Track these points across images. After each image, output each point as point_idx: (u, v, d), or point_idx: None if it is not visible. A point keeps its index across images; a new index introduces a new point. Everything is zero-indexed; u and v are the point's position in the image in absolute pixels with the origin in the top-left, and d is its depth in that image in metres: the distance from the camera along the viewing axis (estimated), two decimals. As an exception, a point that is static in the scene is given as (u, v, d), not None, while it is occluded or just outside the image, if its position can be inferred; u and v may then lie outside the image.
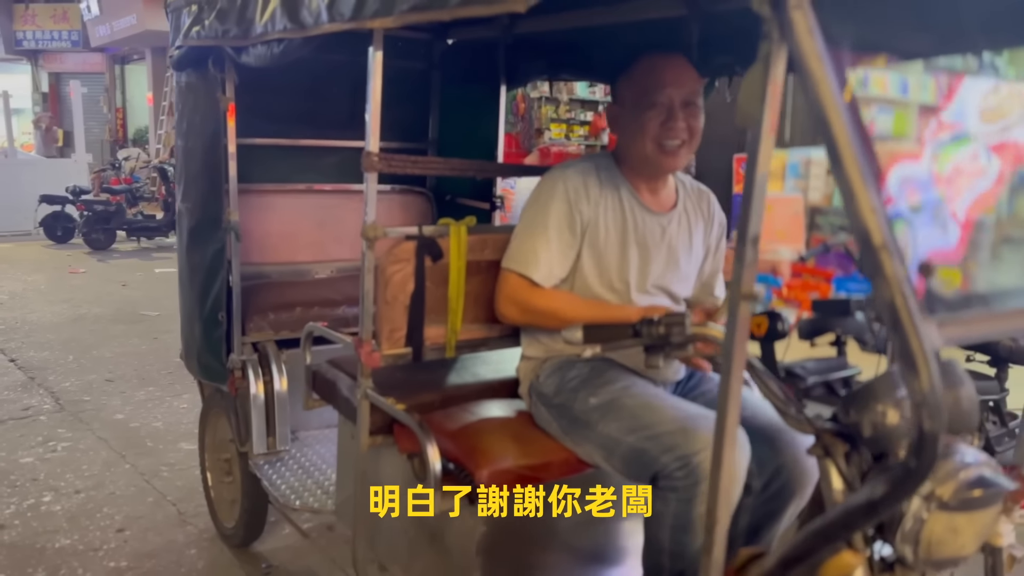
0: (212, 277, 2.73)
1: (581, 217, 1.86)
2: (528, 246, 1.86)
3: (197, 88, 2.74)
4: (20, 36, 17.20)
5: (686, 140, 1.84)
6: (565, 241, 1.86)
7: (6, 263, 9.02)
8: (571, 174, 1.88)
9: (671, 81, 1.81)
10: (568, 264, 1.89)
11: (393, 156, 1.92)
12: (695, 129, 1.84)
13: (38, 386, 4.83)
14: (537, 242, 1.85)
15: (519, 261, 1.87)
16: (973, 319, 1.08)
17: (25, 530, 3.10)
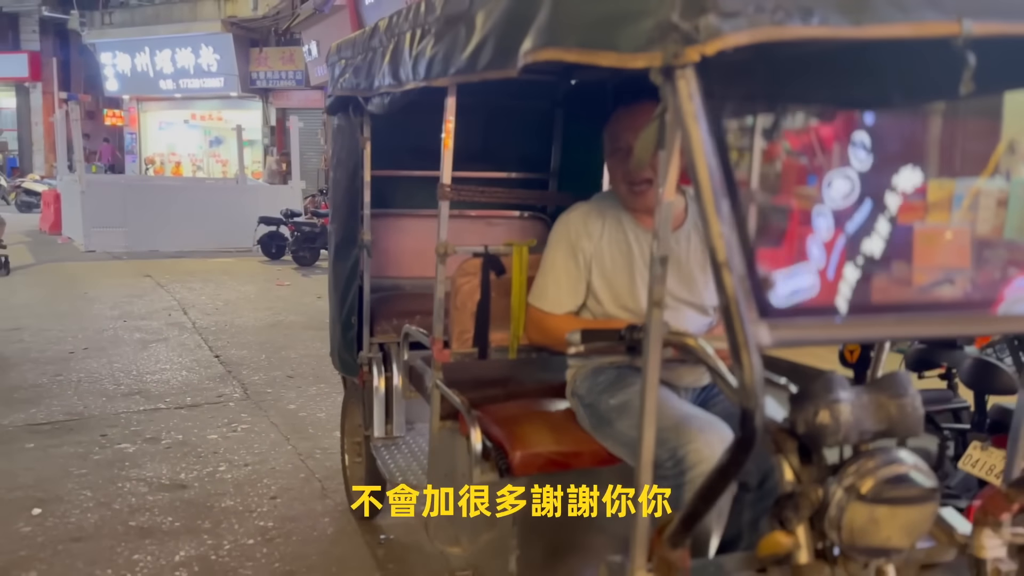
0: (349, 286, 3.27)
1: (584, 253, 2.16)
2: (541, 283, 2.21)
3: (344, 129, 3.30)
4: (254, 76, 19.50)
5: (652, 179, 2.07)
6: (572, 276, 2.17)
7: (227, 275, 10.48)
8: (573, 217, 2.20)
9: (629, 126, 2.07)
10: (579, 294, 2.19)
11: (462, 187, 2.31)
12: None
13: (233, 378, 5.72)
14: (547, 279, 2.19)
15: (534, 295, 2.23)
16: (802, 324, 1.27)
17: (201, 491, 3.80)
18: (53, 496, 3.67)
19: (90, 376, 5.65)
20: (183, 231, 12.74)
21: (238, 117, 19.58)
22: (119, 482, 3.85)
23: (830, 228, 1.64)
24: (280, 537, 3.36)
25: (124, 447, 4.32)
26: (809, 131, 2.32)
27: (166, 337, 6.91)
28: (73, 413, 4.84)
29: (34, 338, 6.67)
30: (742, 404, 1.18)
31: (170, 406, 5.05)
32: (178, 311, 8.04)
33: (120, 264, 11.11)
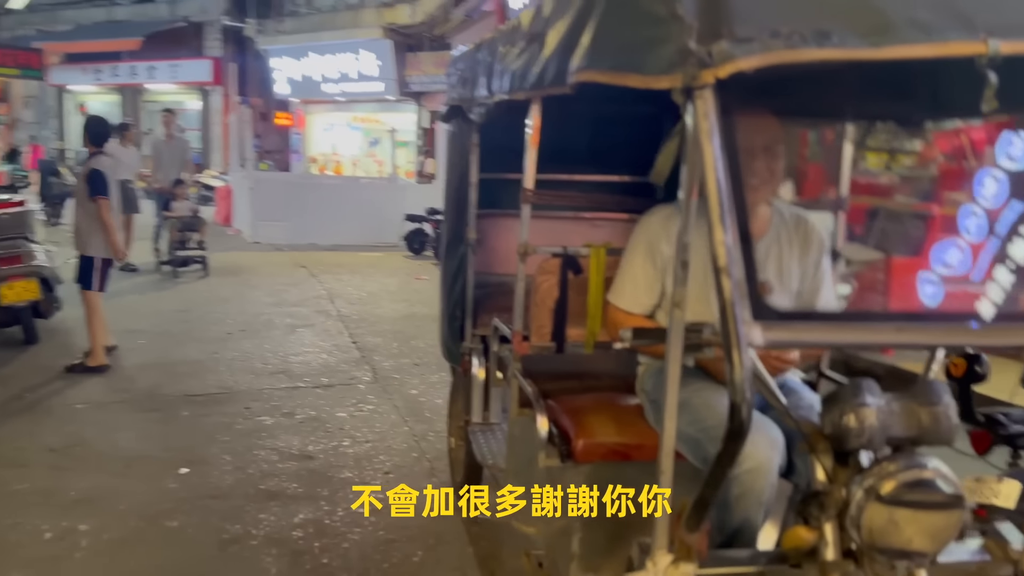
0: (455, 281, 3.52)
1: (661, 256, 2.25)
2: (619, 282, 2.32)
3: (455, 135, 3.56)
4: (410, 80, 20.34)
5: (766, 180, 2.13)
6: (648, 276, 2.26)
7: (373, 268, 11.16)
8: (653, 220, 2.29)
9: (753, 128, 2.12)
10: (654, 294, 2.28)
11: (543, 191, 2.48)
12: (775, 171, 2.12)
13: (365, 363, 6.17)
14: (625, 279, 2.29)
15: (613, 293, 2.35)
16: (795, 327, 1.34)
17: (325, 462, 4.19)
18: (199, 458, 4.17)
19: (243, 355, 6.27)
20: (338, 226, 13.62)
21: (394, 119, 20.59)
22: (255, 450, 4.31)
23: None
24: (387, 509, 3.66)
25: (264, 419, 4.80)
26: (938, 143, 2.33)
27: (312, 323, 7.52)
28: (224, 387, 5.42)
29: (199, 319, 7.46)
30: (731, 398, 1.28)
31: (308, 385, 5.54)
32: (326, 300, 8.69)
33: (280, 255, 12.06)
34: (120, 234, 5.97)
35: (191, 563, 3.18)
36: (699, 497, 1.49)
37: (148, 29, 20.73)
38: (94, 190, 5.46)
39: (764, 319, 1.26)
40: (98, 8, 22.47)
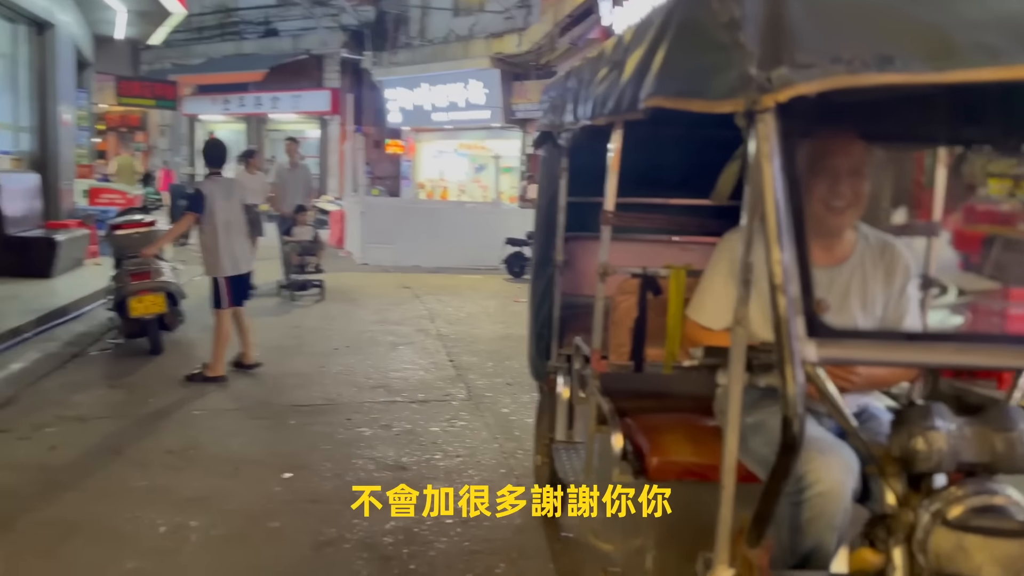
0: (543, 301, 3.62)
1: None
2: (699, 298, 2.33)
3: (546, 160, 3.67)
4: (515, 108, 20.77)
5: (852, 203, 2.12)
6: (729, 294, 2.25)
7: (473, 290, 11.42)
8: (735, 238, 2.28)
9: (839, 151, 2.12)
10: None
11: (625, 213, 2.55)
12: (860, 194, 2.11)
13: (461, 381, 6.33)
14: (705, 295, 2.31)
15: (692, 308, 2.35)
16: (851, 344, 1.34)
17: (417, 473, 4.34)
18: (301, 464, 4.41)
19: (347, 369, 6.56)
20: (442, 249, 14.00)
21: (499, 146, 21.00)
22: (353, 459, 4.51)
23: None
24: (474, 521, 3.77)
25: (363, 431, 5.02)
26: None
27: (413, 341, 7.78)
28: (328, 399, 5.70)
29: (309, 335, 7.85)
30: (784, 412, 1.31)
31: (405, 400, 5.74)
32: (427, 319, 8.96)
33: (386, 276, 12.51)
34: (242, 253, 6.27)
35: (288, 562, 3.37)
36: (757, 512, 1.51)
37: (272, 62, 22.04)
38: (187, 206, 5.94)
39: (819, 336, 1.29)
40: (227, 42, 24.08)
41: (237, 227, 6.04)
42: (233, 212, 6.00)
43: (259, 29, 23.81)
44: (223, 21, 24.42)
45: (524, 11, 19.42)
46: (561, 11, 14.65)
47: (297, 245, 9.79)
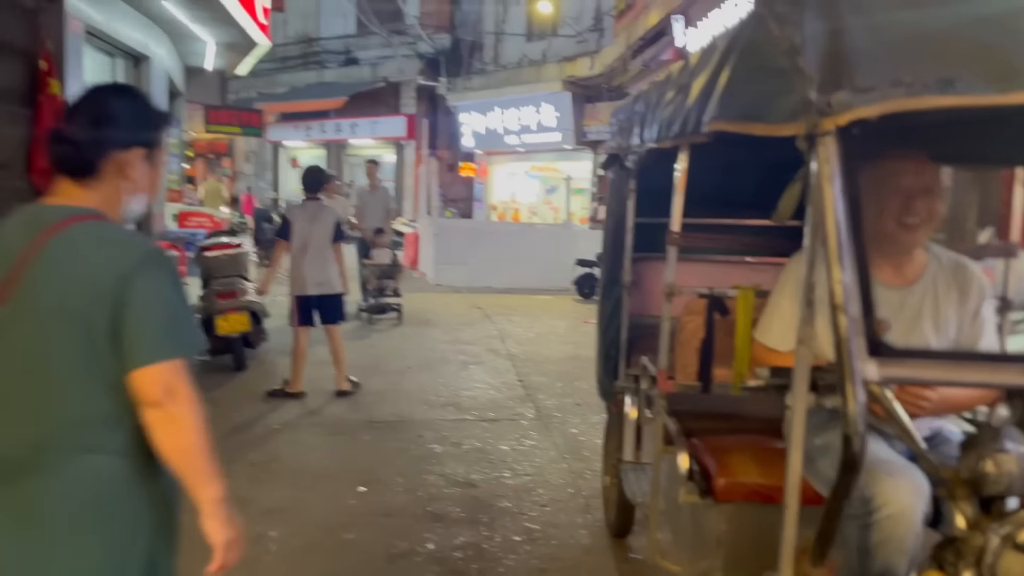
0: (611, 321, 3.66)
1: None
2: (767, 319, 2.34)
3: (614, 182, 3.72)
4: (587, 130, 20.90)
5: (925, 220, 2.11)
6: (796, 314, 2.25)
7: (543, 311, 11.48)
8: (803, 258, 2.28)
9: (912, 170, 2.12)
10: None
11: (691, 234, 2.58)
12: (933, 212, 2.10)
13: (530, 400, 6.39)
14: (773, 316, 2.31)
15: (759, 330, 2.36)
16: (911, 363, 1.34)
17: (486, 491, 4.41)
18: (375, 478, 4.53)
19: (419, 387, 6.70)
20: (513, 270, 14.14)
21: (570, 168, 21.12)
22: (425, 474, 4.62)
23: None
24: (542, 539, 3.81)
25: (434, 447, 5.12)
26: None
27: (483, 361, 7.88)
28: (401, 416, 5.83)
29: (383, 353, 8.04)
30: (844, 431, 1.33)
31: (475, 418, 5.83)
32: (497, 339, 9.06)
33: (459, 296, 12.70)
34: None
35: (362, 573, 3.47)
36: (821, 531, 1.52)
37: (352, 90, 22.77)
38: (277, 232, 6.19)
39: (880, 355, 1.30)
40: (309, 72, 25.00)
41: (316, 250, 6.18)
42: (316, 236, 6.18)
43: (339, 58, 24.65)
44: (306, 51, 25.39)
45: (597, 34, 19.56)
46: (634, 33, 14.70)
47: (376, 268, 9.84)
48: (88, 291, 1.53)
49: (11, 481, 1.53)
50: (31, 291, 1.54)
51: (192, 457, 1.59)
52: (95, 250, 1.56)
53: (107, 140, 1.63)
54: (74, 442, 1.55)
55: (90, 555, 1.55)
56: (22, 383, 1.57)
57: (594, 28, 19.74)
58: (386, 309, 9.88)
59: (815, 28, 1.43)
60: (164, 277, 1.59)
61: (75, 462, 1.55)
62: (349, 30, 24.38)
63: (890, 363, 1.31)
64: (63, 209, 1.61)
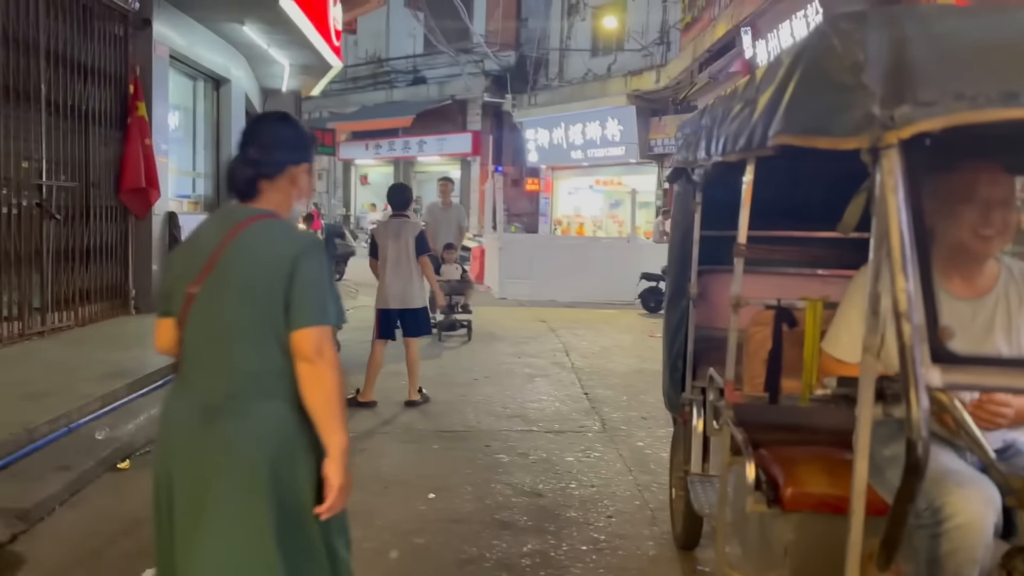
0: (677, 333, 3.69)
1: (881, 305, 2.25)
2: (835, 331, 2.35)
3: (680, 195, 3.76)
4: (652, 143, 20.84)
5: (1001, 231, 2.10)
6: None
7: (607, 325, 11.49)
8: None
9: (988, 181, 2.11)
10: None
11: (758, 246, 2.61)
12: (1009, 224, 2.09)
13: (595, 413, 6.43)
14: (841, 328, 2.32)
15: (827, 341, 2.38)
16: (975, 370, 1.35)
17: (553, 500, 4.47)
18: (444, 486, 4.64)
19: (485, 399, 6.81)
20: (577, 283, 14.19)
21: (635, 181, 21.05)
22: (492, 483, 4.70)
23: None
24: (608, 549, 3.85)
25: (501, 457, 5.21)
26: None
27: (548, 373, 7.95)
28: (468, 426, 5.94)
29: (450, 366, 8.19)
30: (907, 436, 1.35)
31: (541, 430, 5.90)
32: (561, 353, 9.12)
33: (523, 310, 12.80)
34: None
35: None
36: (886, 536, 1.54)
37: (420, 108, 23.25)
38: (369, 251, 6.47)
39: (943, 362, 1.33)
40: (379, 91, 25.65)
41: (400, 265, 6.40)
42: (399, 251, 6.41)
43: (408, 78, 25.22)
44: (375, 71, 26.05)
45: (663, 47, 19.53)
46: (701, 46, 14.63)
47: (446, 284, 9.70)
48: (267, 270, 1.97)
49: (212, 422, 1.98)
50: (224, 272, 1.99)
51: (329, 408, 1.98)
52: (273, 240, 2.02)
53: (283, 158, 2.10)
54: (256, 391, 1.99)
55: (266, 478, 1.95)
56: (217, 345, 2.01)
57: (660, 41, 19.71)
58: (456, 326, 9.87)
59: (878, 44, 1.47)
60: (320, 261, 2.03)
61: (257, 407, 1.99)
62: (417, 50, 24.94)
63: (954, 369, 1.34)
64: (249, 210, 2.08)
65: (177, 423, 2.04)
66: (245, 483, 1.95)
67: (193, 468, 1.99)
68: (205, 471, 1.97)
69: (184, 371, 2.08)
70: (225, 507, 1.95)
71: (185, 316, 2.03)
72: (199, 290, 2.00)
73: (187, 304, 2.02)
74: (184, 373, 2.08)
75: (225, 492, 1.95)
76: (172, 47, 9.47)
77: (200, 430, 1.98)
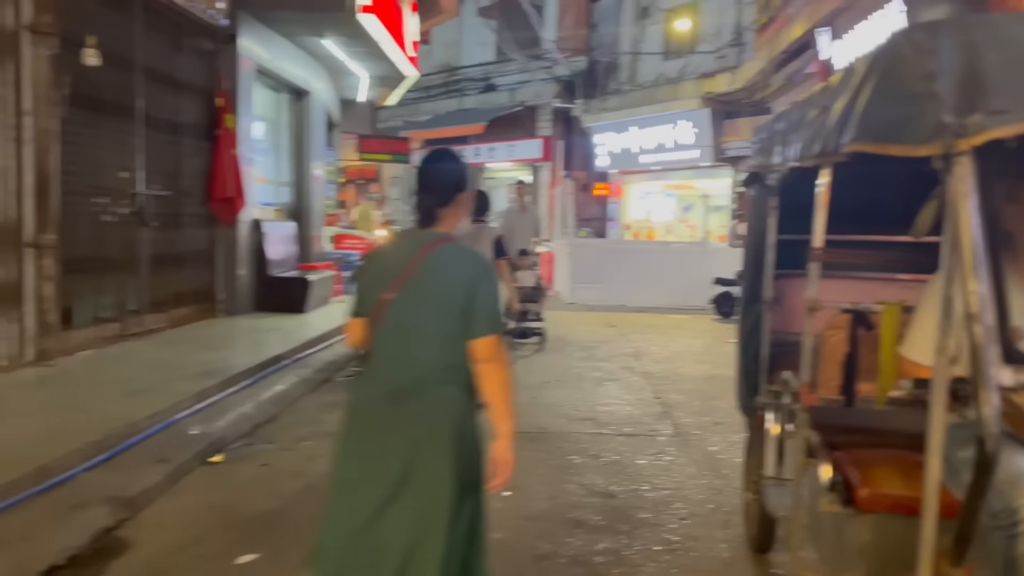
0: (751, 337, 3.72)
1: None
2: (912, 335, 2.36)
3: (756, 199, 3.79)
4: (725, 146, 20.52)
5: None
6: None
7: (679, 330, 11.44)
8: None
9: None
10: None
11: (834, 250, 2.63)
12: None
13: (667, 417, 6.45)
14: (918, 332, 2.33)
15: (905, 345, 2.40)
16: None
17: (625, 502, 4.53)
18: (519, 485, 4.72)
19: (557, 402, 6.90)
20: (647, 288, 14.15)
21: (708, 185, 20.83)
22: (564, 483, 4.80)
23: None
24: (681, 550, 3.89)
25: (572, 458, 5.30)
26: None
27: (618, 378, 7.99)
28: (540, 428, 6.05)
29: (522, 369, 8.30)
30: (978, 433, 1.40)
31: (612, 433, 5.96)
32: (632, 357, 9.14)
33: (592, 315, 12.85)
34: None
35: (511, 571, 3.67)
36: (959, 532, 1.58)
37: (491, 115, 23.52)
38: None
39: (1015, 363, 1.36)
40: (451, 99, 26.05)
41: None
42: None
43: (479, 85, 25.54)
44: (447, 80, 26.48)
45: (736, 49, 19.27)
46: (776, 47, 14.40)
47: (518, 291, 9.35)
48: (452, 285, 2.42)
49: (401, 403, 2.42)
50: (417, 283, 2.42)
51: (501, 398, 2.44)
52: (457, 261, 2.48)
53: (454, 190, 2.55)
54: (435, 379, 2.43)
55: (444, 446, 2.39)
56: (405, 341, 2.45)
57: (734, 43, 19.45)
58: (528, 334, 9.68)
59: (950, 55, 1.51)
60: (494, 280, 2.52)
61: (437, 391, 2.43)
62: (488, 58, 25.24)
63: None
64: (433, 234, 2.53)
65: (367, 404, 2.50)
66: (432, 451, 2.38)
67: (382, 440, 2.42)
68: (394, 445, 2.40)
69: (373, 362, 2.51)
70: (419, 478, 2.37)
71: (378, 317, 2.45)
72: (393, 296, 2.43)
73: (380, 308, 2.45)
74: (373, 364, 2.51)
75: (414, 459, 2.38)
76: (257, 61, 9.90)
77: (388, 410, 2.43)
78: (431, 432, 2.40)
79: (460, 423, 2.44)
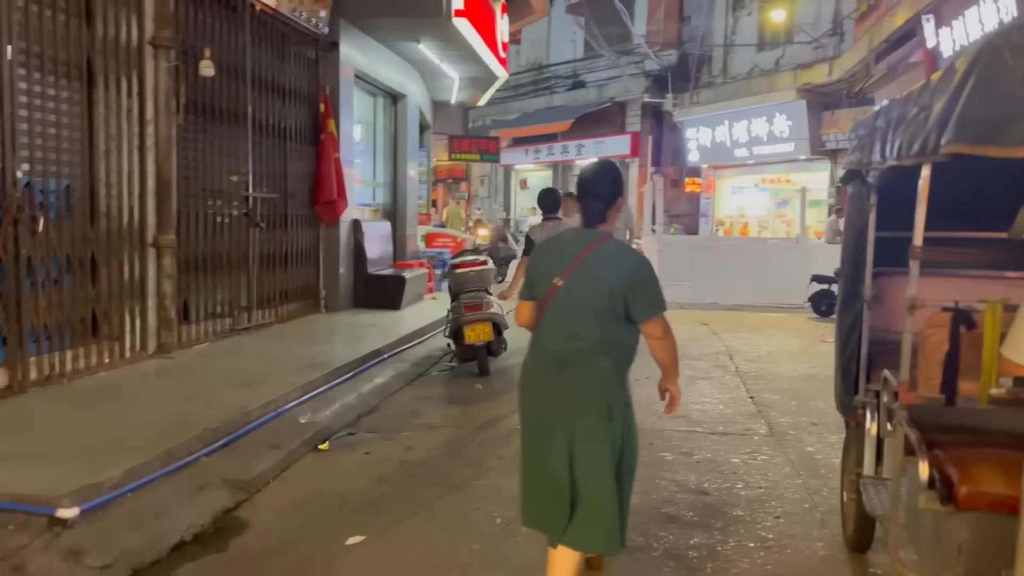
0: (850, 336, 3.68)
1: None
2: (1015, 335, 2.33)
3: (855, 196, 3.75)
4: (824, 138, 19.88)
5: None
6: None
7: (774, 328, 11.22)
8: None
9: None
10: None
11: (931, 247, 2.61)
12: None
13: (761, 417, 6.38)
14: (1018, 331, 2.29)
15: (1006, 346, 2.36)
16: None
17: (718, 499, 4.55)
18: (611, 479, 4.83)
19: (648, 399, 6.81)
20: (740, 286, 13.90)
21: (805, 179, 20.24)
22: (656, 479, 4.84)
23: None
24: (776, 548, 3.89)
25: (664, 455, 5.34)
26: None
27: (711, 376, 7.94)
28: (632, 424, 6.09)
29: (613, 365, 8.35)
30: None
31: (705, 431, 5.96)
32: (724, 356, 9.05)
33: (683, 313, 12.70)
34: None
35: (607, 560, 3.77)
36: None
37: (579, 112, 23.54)
38: (524, 251, 6.80)
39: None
40: (539, 97, 26.21)
41: None
42: None
43: (567, 82, 25.59)
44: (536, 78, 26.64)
45: (835, 39, 18.68)
46: (877, 36, 13.89)
47: None
48: (616, 274, 2.92)
49: (563, 369, 2.93)
50: (585, 272, 2.93)
51: (671, 361, 3.16)
52: (621, 255, 3.02)
53: (615, 194, 3.07)
54: (595, 351, 2.91)
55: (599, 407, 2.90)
56: (573, 319, 2.93)
57: (832, 33, 18.86)
58: None
59: (1051, 56, 1.52)
60: (651, 270, 3.03)
61: (594, 360, 2.91)
62: (577, 54, 25.25)
63: None
64: (598, 232, 3.04)
65: (537, 372, 3.04)
66: (592, 409, 2.88)
67: (551, 400, 2.96)
68: (560, 402, 2.93)
69: (541, 339, 3.03)
70: (581, 426, 2.89)
71: (548, 300, 2.97)
72: (564, 282, 2.93)
73: (551, 291, 2.96)
74: (541, 340, 3.04)
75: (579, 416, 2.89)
76: (356, 67, 10.29)
77: (555, 376, 2.94)
78: (589, 392, 2.90)
79: (611, 387, 2.92)
